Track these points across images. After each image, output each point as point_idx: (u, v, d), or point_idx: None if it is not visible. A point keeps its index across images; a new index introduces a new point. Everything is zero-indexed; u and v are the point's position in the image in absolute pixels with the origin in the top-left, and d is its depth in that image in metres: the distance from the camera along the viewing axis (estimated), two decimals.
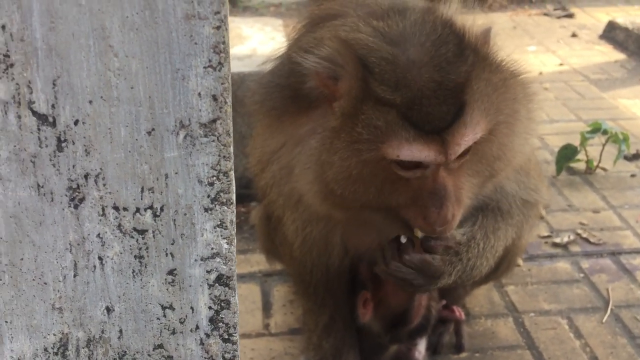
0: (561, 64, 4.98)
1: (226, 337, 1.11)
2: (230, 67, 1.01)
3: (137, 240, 1.03)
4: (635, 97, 4.33)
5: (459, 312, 2.27)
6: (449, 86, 1.49)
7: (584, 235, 2.87)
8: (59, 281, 1.04)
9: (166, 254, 1.05)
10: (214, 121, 0.98)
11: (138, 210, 1.01)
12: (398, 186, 1.59)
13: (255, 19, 4.06)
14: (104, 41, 0.92)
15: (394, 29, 1.56)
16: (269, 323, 2.39)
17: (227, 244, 1.05)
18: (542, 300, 2.49)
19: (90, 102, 0.95)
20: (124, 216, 1.01)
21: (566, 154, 3.33)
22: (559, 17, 6.24)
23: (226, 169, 1.01)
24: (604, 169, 3.39)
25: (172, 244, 1.04)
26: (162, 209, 1.02)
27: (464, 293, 2.37)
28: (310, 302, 2.12)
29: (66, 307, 1.05)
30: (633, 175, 3.36)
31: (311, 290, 2.07)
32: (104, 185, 0.99)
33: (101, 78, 0.94)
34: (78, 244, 1.02)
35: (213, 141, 0.99)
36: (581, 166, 3.40)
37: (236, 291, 1.10)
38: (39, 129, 0.95)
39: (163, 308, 1.08)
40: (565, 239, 2.84)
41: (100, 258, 1.03)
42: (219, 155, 1.00)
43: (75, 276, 1.04)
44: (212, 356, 1.12)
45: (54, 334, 1.07)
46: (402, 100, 1.48)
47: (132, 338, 1.08)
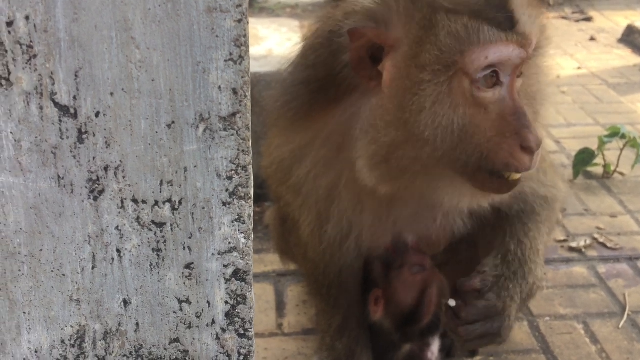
0: (579, 68, 4.94)
1: (242, 332, 1.11)
2: (250, 61, 1.01)
3: (155, 233, 1.03)
4: None
5: None
6: None
7: (601, 239, 2.84)
8: (77, 273, 1.04)
9: (184, 248, 1.05)
10: (234, 115, 0.98)
11: (157, 203, 1.01)
12: (479, 122, 1.49)
13: (271, 20, 4.07)
14: (126, 33, 0.93)
15: None
16: (283, 323, 2.39)
17: (245, 239, 1.05)
18: (558, 304, 2.46)
19: (111, 94, 0.95)
20: (143, 209, 1.01)
21: (583, 158, 3.30)
22: (577, 21, 6.19)
23: (245, 163, 1.01)
24: (622, 174, 3.36)
25: (190, 238, 1.04)
26: (181, 203, 1.02)
27: None
28: (323, 303, 2.12)
29: (84, 299, 1.06)
30: None
31: (324, 291, 2.07)
32: (124, 177, 0.99)
33: (123, 70, 0.94)
34: (97, 236, 1.02)
35: (232, 135, 0.98)
36: (598, 170, 3.37)
37: (252, 286, 1.10)
38: (61, 121, 0.96)
39: (180, 302, 1.08)
40: (581, 244, 2.81)
41: (118, 250, 1.03)
42: (238, 149, 1.00)
43: (93, 268, 1.04)
44: (228, 351, 1.11)
45: (72, 326, 1.07)
46: (474, 2, 1.45)
47: (149, 331, 1.08)
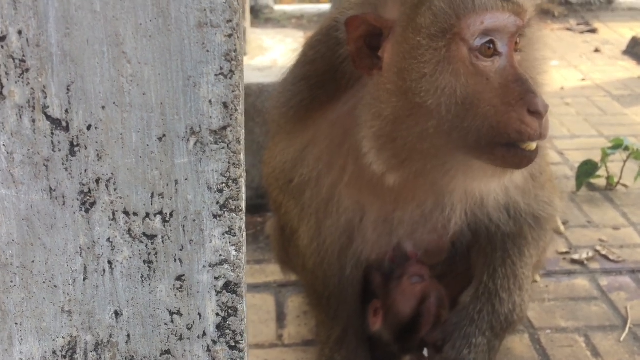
0: (583, 79, 4.94)
1: (233, 345, 1.11)
2: (242, 76, 1.02)
3: (147, 245, 1.04)
4: None
5: None
6: None
7: (603, 252, 2.83)
8: (69, 284, 1.05)
9: (175, 260, 1.05)
10: (224, 128, 0.99)
11: (148, 215, 1.02)
12: (482, 91, 1.49)
13: (276, 31, 4.09)
14: (118, 48, 0.94)
15: None
16: (283, 334, 2.38)
17: (236, 251, 1.06)
18: (559, 317, 2.45)
19: (103, 108, 0.96)
20: (134, 221, 1.02)
21: (586, 170, 3.30)
22: (582, 32, 6.19)
23: (236, 176, 1.01)
24: (625, 186, 3.35)
25: (181, 250, 1.05)
26: (172, 215, 1.03)
27: None
28: (323, 314, 2.12)
29: (75, 311, 1.06)
30: None
31: (324, 302, 2.07)
32: (115, 190, 1.00)
33: (114, 84, 0.95)
34: (88, 248, 1.03)
35: (223, 148, 0.99)
36: (602, 182, 3.36)
37: (244, 298, 1.10)
38: (53, 133, 0.97)
39: (171, 314, 1.08)
40: (584, 256, 2.80)
41: (109, 262, 1.04)
42: (229, 162, 1.00)
43: (84, 280, 1.05)
44: None
45: (63, 337, 1.08)
46: None
47: (140, 343, 1.09)
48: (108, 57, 0.94)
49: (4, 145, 0.97)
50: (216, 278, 1.07)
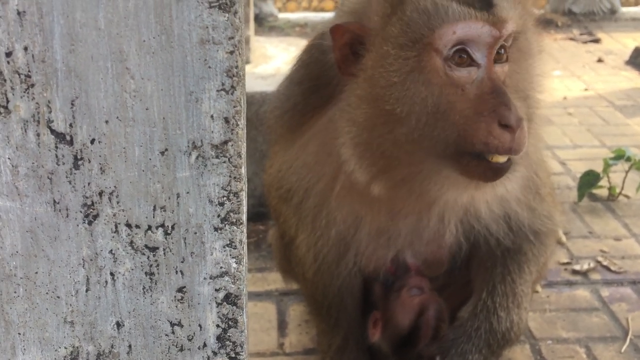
0: (586, 89, 4.94)
1: (233, 356, 1.12)
2: (244, 91, 1.03)
3: (148, 257, 1.05)
4: None
5: None
6: None
7: (605, 263, 2.83)
8: (72, 295, 1.06)
9: (176, 272, 1.07)
10: (226, 143, 1.00)
11: (150, 228, 1.03)
12: (455, 102, 1.48)
13: (280, 39, 4.11)
14: (121, 64, 0.96)
15: None
16: (284, 342, 2.39)
17: (236, 264, 1.07)
18: (560, 327, 2.45)
19: (106, 122, 0.98)
20: (136, 233, 1.03)
21: (588, 180, 3.30)
22: (585, 42, 6.21)
23: (237, 190, 1.03)
24: (627, 196, 3.35)
25: (182, 262, 1.06)
26: (173, 228, 1.04)
27: None
28: (323, 323, 2.13)
29: (77, 321, 1.08)
30: None
31: (324, 311, 2.08)
32: (118, 202, 1.02)
33: (117, 99, 0.97)
34: (91, 260, 1.04)
35: (224, 162, 1.01)
36: (603, 193, 3.37)
37: (244, 310, 1.12)
38: (57, 147, 0.99)
39: (172, 325, 1.09)
40: (585, 267, 2.80)
41: (112, 274, 1.06)
42: (230, 176, 1.02)
43: (87, 291, 1.06)
44: None
45: (65, 347, 1.09)
46: None
47: (141, 354, 1.10)
48: (112, 73, 0.96)
49: (9, 158, 0.98)
50: (217, 290, 1.08)
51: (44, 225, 1.02)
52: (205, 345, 1.11)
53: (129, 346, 1.09)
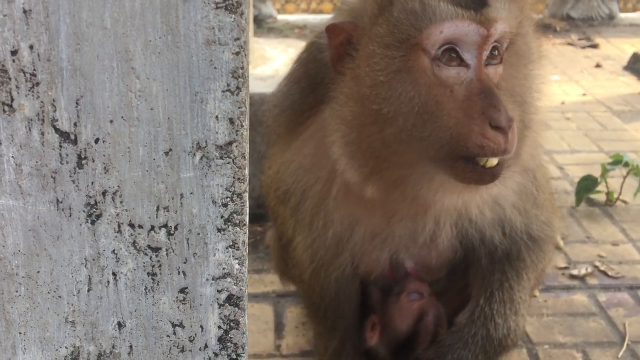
0: (584, 94, 4.96)
1: (234, 357, 1.12)
2: (248, 92, 1.03)
3: (151, 257, 1.05)
4: None
5: None
6: None
7: (602, 267, 2.83)
8: (73, 295, 1.06)
9: (178, 272, 1.06)
10: (230, 144, 1.00)
11: (153, 228, 1.03)
12: (444, 102, 1.46)
13: (279, 41, 4.11)
14: (127, 63, 0.95)
15: None
16: (281, 344, 2.39)
17: (239, 265, 1.07)
18: (557, 332, 2.46)
19: (111, 122, 0.97)
20: (139, 233, 1.03)
21: (586, 185, 3.31)
22: (584, 47, 6.23)
23: (240, 191, 1.03)
24: (625, 202, 3.36)
25: (185, 263, 1.06)
26: (176, 228, 1.04)
27: None
28: (320, 326, 2.12)
29: (79, 321, 1.07)
30: None
31: (321, 314, 2.07)
32: (121, 202, 1.01)
33: (122, 99, 0.96)
34: (93, 259, 1.04)
35: (228, 163, 1.01)
36: (601, 198, 3.37)
37: (246, 312, 1.12)
38: (61, 146, 0.98)
39: (173, 325, 1.09)
40: (582, 271, 2.80)
41: (114, 274, 1.05)
42: (234, 177, 1.02)
43: (89, 291, 1.06)
44: None
45: (66, 347, 1.09)
46: None
47: (142, 354, 1.09)
48: (117, 73, 0.95)
49: (13, 157, 0.98)
50: (219, 291, 1.08)
51: (47, 224, 1.01)
52: (206, 346, 1.11)
53: (130, 347, 1.09)
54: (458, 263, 2.00)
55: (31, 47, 0.94)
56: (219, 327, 1.10)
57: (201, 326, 1.10)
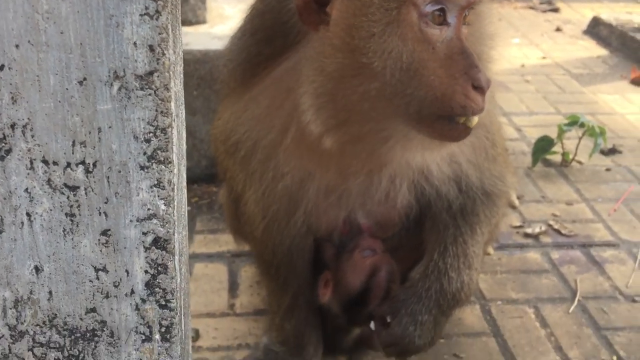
0: (544, 58, 4.97)
1: (163, 303, 1.07)
2: (173, 18, 0.96)
3: (68, 197, 0.98)
4: (614, 93, 4.33)
5: None
6: None
7: (556, 226, 2.85)
8: None
9: (99, 213, 1.00)
10: (151, 73, 0.93)
11: (69, 165, 0.96)
12: (427, 59, 1.47)
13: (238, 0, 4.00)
14: None
15: None
16: (235, 303, 2.36)
17: (165, 205, 1.01)
18: (510, 289, 2.47)
19: (16, 47, 0.90)
20: (54, 171, 0.96)
21: (542, 146, 3.32)
22: (545, 11, 6.24)
23: (164, 126, 0.96)
24: (580, 162, 3.38)
25: (106, 203, 1.00)
26: (95, 165, 0.97)
27: None
28: (272, 283, 2.09)
29: None
30: (608, 169, 3.35)
31: (273, 270, 2.04)
32: (32, 136, 0.94)
33: (28, 21, 0.88)
34: (4, 199, 0.97)
35: (150, 95, 0.94)
36: (557, 159, 3.39)
37: (175, 256, 1.06)
38: None
39: (96, 270, 1.03)
40: (536, 230, 2.82)
41: (28, 214, 0.98)
42: (156, 110, 0.95)
43: (1, 232, 0.99)
44: (149, 322, 1.07)
45: None
46: None
47: (63, 300, 1.03)
48: None
49: None
50: (144, 233, 1.02)
51: None
52: (132, 292, 1.05)
53: (50, 292, 1.03)
54: (413, 219, 1.98)
55: None
56: (146, 272, 1.04)
57: (126, 271, 1.04)
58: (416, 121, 1.51)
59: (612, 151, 3.52)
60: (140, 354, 1.08)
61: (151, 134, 0.96)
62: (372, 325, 1.92)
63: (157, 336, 1.07)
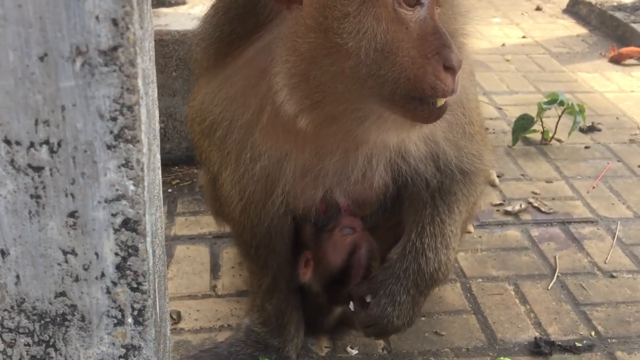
0: (524, 37, 4.96)
1: (135, 286, 1.04)
2: None
3: (33, 178, 0.95)
4: (594, 71, 4.34)
5: None
6: None
7: (536, 204, 2.86)
8: None
9: (66, 195, 0.97)
10: (115, 49, 0.90)
11: (32, 145, 0.93)
12: (400, 40, 1.47)
13: None
14: None
15: None
16: (216, 285, 2.35)
17: (134, 186, 0.98)
18: (491, 266, 2.48)
19: None
20: (17, 151, 0.93)
21: (522, 124, 3.32)
22: None
23: (131, 103, 0.93)
24: (559, 140, 3.39)
25: (72, 184, 0.97)
26: (60, 145, 0.94)
27: None
28: (252, 264, 2.08)
29: None
30: (587, 147, 3.36)
31: (253, 251, 2.02)
32: None
33: None
34: None
35: (114, 71, 0.91)
36: (537, 137, 3.40)
37: (147, 237, 1.04)
38: None
39: (64, 253, 1.00)
40: (516, 208, 2.83)
41: None
42: (122, 87, 0.92)
43: None
44: (120, 305, 1.05)
45: None
46: None
47: (31, 284, 1.01)
48: None
49: None
50: (113, 215, 1.00)
51: None
52: (103, 275, 1.03)
53: (17, 276, 1.00)
54: (391, 199, 1.97)
55: None
56: (116, 254, 1.02)
57: (96, 253, 1.01)
58: (390, 102, 1.51)
59: (591, 129, 3.53)
60: (112, 338, 1.06)
61: (117, 112, 0.93)
62: (352, 305, 1.92)
63: (130, 319, 1.05)
